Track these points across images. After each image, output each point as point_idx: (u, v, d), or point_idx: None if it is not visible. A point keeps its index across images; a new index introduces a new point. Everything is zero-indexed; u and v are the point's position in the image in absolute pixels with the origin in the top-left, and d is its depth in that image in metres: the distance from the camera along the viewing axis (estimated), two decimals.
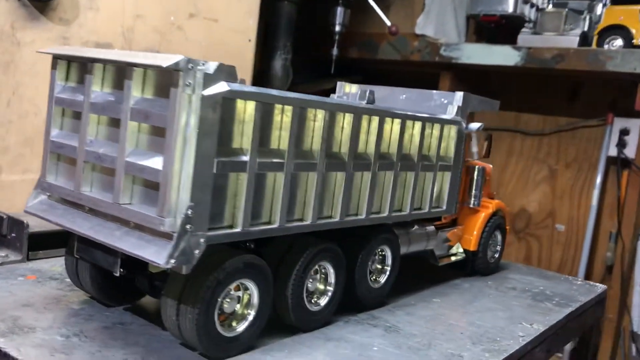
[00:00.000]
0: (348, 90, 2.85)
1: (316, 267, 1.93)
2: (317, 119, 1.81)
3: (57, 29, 2.98)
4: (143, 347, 1.66)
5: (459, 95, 2.49)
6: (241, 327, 1.69)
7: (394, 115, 2.08)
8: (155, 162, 1.49)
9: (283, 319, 1.88)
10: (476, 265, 2.88)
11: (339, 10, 4.97)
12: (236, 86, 1.53)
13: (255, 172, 1.63)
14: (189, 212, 1.46)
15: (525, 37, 4.66)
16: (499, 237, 3.00)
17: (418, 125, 2.24)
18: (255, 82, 5.35)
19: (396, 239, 2.30)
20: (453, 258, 2.78)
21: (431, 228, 2.57)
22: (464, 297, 2.55)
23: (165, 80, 1.49)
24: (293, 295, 1.84)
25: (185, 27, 3.54)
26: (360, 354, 1.82)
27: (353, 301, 2.15)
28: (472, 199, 2.80)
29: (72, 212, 1.71)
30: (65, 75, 1.77)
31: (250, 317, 1.71)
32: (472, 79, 4.96)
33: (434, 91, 2.60)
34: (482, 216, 2.85)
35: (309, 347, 1.81)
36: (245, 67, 3.95)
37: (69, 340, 1.65)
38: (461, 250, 2.83)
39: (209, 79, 1.46)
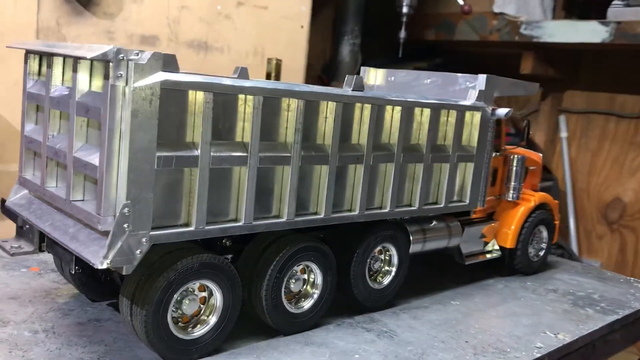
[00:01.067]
0: (373, 76, 2.67)
1: (298, 266, 1.81)
2: (290, 109, 1.69)
3: (101, 23, 3.03)
4: (106, 347, 1.63)
5: (482, 78, 2.26)
6: (202, 330, 1.61)
7: (388, 103, 1.90)
8: (94, 158, 1.43)
9: (262, 320, 1.79)
10: (515, 264, 2.63)
11: None
12: (177, 76, 1.43)
13: (210, 167, 1.53)
14: (126, 210, 1.40)
15: (616, 11, 4.15)
16: (545, 233, 2.73)
17: (426, 112, 2.05)
18: (324, 69, 5.25)
19: (403, 236, 2.12)
20: (488, 256, 2.56)
21: (455, 223, 2.36)
22: (490, 299, 2.33)
23: (105, 73, 1.42)
24: (267, 297, 1.73)
25: (233, 16, 3.49)
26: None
27: (352, 302, 2.02)
28: (510, 191, 2.55)
29: (43, 207, 1.70)
30: (37, 69, 1.76)
31: (213, 321, 1.63)
32: (557, 58, 4.56)
33: (459, 75, 2.38)
34: (521, 210, 2.60)
35: (281, 352, 1.71)
36: (298, 54, 3.85)
37: (35, 337, 1.65)
38: (497, 247, 2.60)
39: (142, 70, 1.37)
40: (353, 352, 1.75)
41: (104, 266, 1.39)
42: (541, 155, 2.96)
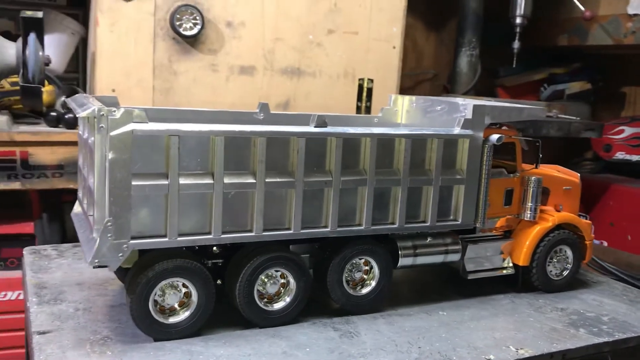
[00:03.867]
0: (401, 101, 2.94)
1: (268, 272, 2.20)
2: (256, 144, 2.10)
3: (206, 58, 3.65)
4: (119, 324, 2.17)
5: (470, 107, 2.45)
6: (179, 318, 2.09)
7: (347, 136, 2.21)
8: (92, 185, 1.98)
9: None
10: (533, 281, 2.74)
11: (519, 1, 4.85)
12: (144, 126, 1.92)
13: (179, 192, 2.00)
14: (109, 224, 1.92)
15: None
16: (568, 252, 2.78)
17: (400, 141, 2.32)
18: (449, 79, 5.36)
19: (383, 251, 2.40)
20: (497, 272, 2.70)
21: (453, 240, 2.57)
22: (481, 313, 2.50)
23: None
24: (241, 295, 2.16)
25: (324, 43, 3.90)
26: (286, 352, 2.05)
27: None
28: (527, 211, 2.68)
29: (83, 218, 2.30)
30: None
31: (189, 311, 2.09)
32: None
33: (460, 101, 2.57)
34: (536, 230, 2.70)
35: (246, 340, 2.12)
36: (390, 74, 4.10)
37: (75, 313, 2.24)
38: (511, 264, 2.73)
39: (117, 123, 1.88)
40: (306, 345, 2.11)
41: (93, 265, 1.93)
42: (579, 175, 2.98)
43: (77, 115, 1.91)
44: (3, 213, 3.48)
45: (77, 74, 4.47)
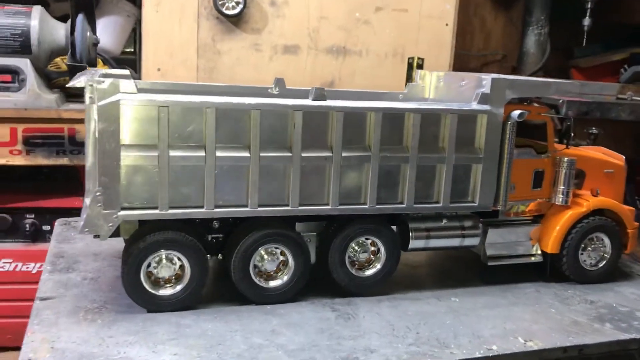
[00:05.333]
0: (429, 78, 2.81)
1: (268, 249, 2.16)
2: (250, 117, 2.05)
3: (249, 37, 3.64)
4: (119, 294, 2.20)
5: (487, 81, 2.28)
6: (171, 291, 2.09)
7: (345, 110, 2.12)
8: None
9: None
10: (564, 271, 2.54)
11: None
12: (130, 96, 1.91)
13: (169, 164, 1.98)
14: (98, 194, 1.94)
15: None
16: (606, 241, 2.56)
17: (412, 117, 2.20)
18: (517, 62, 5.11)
19: (389, 232, 2.30)
20: (524, 259, 2.53)
21: (471, 223, 2.42)
22: (497, 300, 2.35)
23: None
24: (236, 270, 2.13)
25: (372, 21, 3.79)
26: (275, 330, 2.00)
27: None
28: (557, 195, 2.49)
29: None
30: None
31: (182, 285, 2.09)
32: None
33: (483, 76, 2.41)
34: (567, 215, 2.50)
35: (238, 316, 2.09)
36: (443, 52, 3.92)
37: (82, 282, 2.29)
38: (539, 252, 2.55)
39: (104, 93, 1.89)
40: (298, 324, 2.05)
41: (83, 233, 1.95)
42: (624, 157, 2.73)
43: (67, 86, 1.93)
44: (54, 188, 3.63)
45: (134, 55, 4.59)
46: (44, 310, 2.04)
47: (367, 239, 2.30)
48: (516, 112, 2.29)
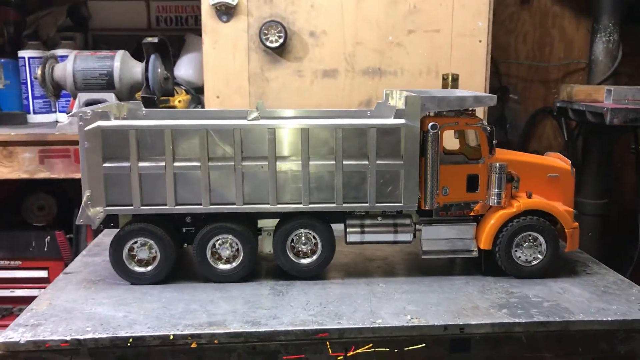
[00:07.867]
0: (394, 96, 3.21)
1: (218, 238, 2.74)
2: (199, 136, 2.66)
3: (293, 65, 4.28)
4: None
5: (403, 98, 2.67)
6: (145, 269, 2.75)
7: (275, 126, 2.65)
8: None
9: None
10: (499, 266, 2.81)
11: None
12: (109, 123, 2.61)
13: (139, 173, 2.65)
14: (88, 195, 2.66)
15: None
16: (541, 239, 2.78)
17: (338, 132, 2.67)
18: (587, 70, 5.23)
19: (324, 227, 2.76)
20: (466, 254, 2.83)
21: (403, 221, 2.80)
22: (420, 288, 2.69)
23: None
24: (196, 256, 2.74)
25: (405, 43, 4.25)
26: (213, 300, 2.56)
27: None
28: (490, 197, 2.79)
29: None
30: None
31: (153, 265, 2.74)
32: None
33: (405, 93, 2.78)
34: (498, 214, 2.78)
35: (194, 289, 2.68)
36: (477, 68, 4.22)
37: (100, 262, 3.04)
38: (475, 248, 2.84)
39: (88, 120, 2.60)
40: (234, 297, 2.59)
41: (79, 223, 2.68)
42: (570, 161, 2.90)
43: (67, 116, 2.68)
44: None
45: None
46: (61, 281, 2.80)
47: (308, 232, 2.78)
48: (430, 124, 2.65)
